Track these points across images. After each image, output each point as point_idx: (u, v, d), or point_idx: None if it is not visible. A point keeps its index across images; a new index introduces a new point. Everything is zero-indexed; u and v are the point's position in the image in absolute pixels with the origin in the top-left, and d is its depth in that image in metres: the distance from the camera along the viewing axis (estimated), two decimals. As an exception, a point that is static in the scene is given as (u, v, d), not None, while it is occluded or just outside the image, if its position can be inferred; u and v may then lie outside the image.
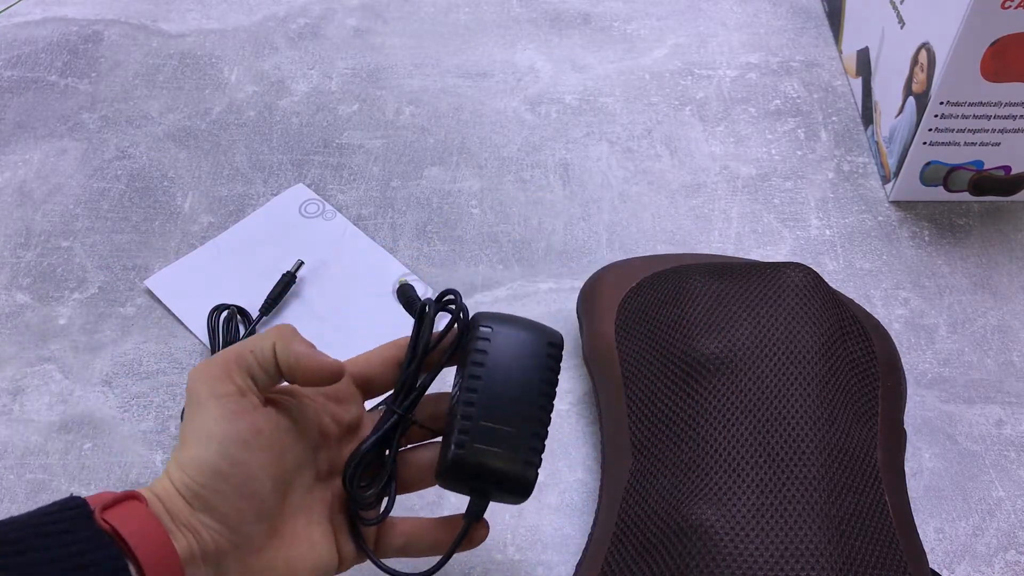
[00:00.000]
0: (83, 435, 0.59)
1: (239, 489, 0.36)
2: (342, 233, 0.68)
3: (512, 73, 0.81)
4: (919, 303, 0.64)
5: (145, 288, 0.66)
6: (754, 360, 0.48)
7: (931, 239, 0.68)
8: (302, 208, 0.70)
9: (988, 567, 0.52)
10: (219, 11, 0.88)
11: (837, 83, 0.79)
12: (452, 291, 0.43)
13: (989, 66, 0.61)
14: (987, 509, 0.54)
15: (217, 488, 0.35)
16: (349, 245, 0.67)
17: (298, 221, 0.69)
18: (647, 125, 0.77)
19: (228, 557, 0.36)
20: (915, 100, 0.66)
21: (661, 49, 0.83)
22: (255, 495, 0.36)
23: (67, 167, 0.75)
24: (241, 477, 0.36)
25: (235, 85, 0.81)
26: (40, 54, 0.84)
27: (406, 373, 0.42)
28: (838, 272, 0.66)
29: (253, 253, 0.67)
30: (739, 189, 0.72)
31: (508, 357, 0.42)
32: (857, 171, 0.73)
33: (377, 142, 0.76)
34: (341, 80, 0.81)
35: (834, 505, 0.43)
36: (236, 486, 0.36)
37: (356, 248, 0.67)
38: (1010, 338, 0.62)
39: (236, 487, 0.36)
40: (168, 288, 0.65)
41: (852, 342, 0.50)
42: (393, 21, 0.86)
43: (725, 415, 0.46)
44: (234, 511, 0.36)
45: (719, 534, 0.42)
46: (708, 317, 0.50)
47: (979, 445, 0.57)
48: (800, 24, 0.85)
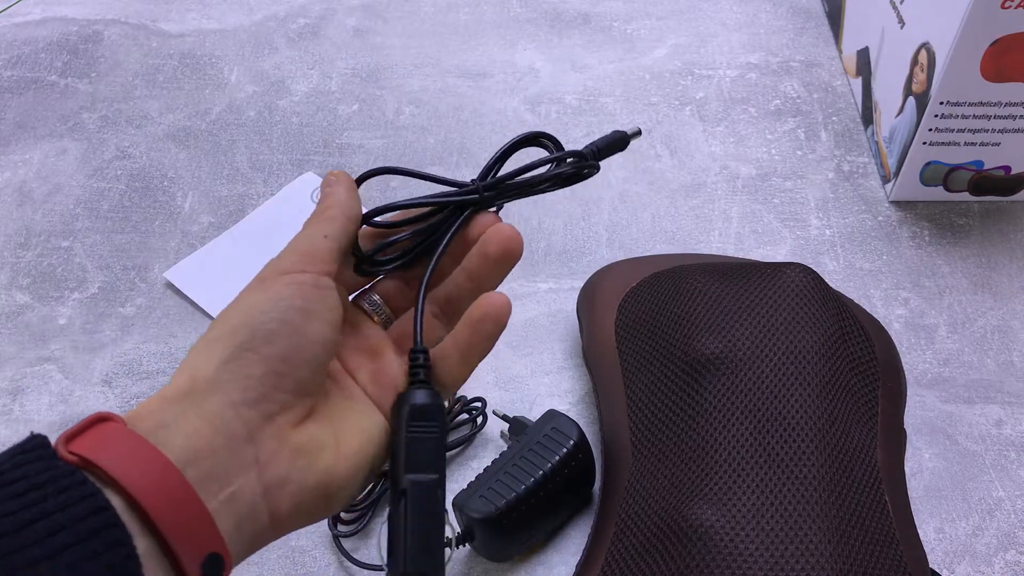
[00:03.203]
0: (83, 435, 0.59)
1: (288, 355, 0.32)
2: None
3: (512, 73, 0.81)
4: (919, 303, 0.64)
5: (165, 280, 0.66)
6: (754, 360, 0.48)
7: (931, 239, 0.68)
8: (313, 195, 0.71)
9: (988, 567, 0.52)
10: (219, 11, 0.88)
11: (837, 83, 0.79)
12: None
13: (989, 66, 0.61)
14: (987, 509, 0.54)
15: (261, 350, 0.32)
16: None
17: (310, 208, 0.70)
18: (647, 125, 0.77)
19: (261, 433, 0.32)
20: (915, 100, 0.66)
21: (661, 49, 0.83)
22: (303, 364, 0.33)
23: (67, 167, 0.75)
24: (285, 341, 0.32)
25: (235, 85, 0.81)
26: (40, 54, 0.84)
27: None
28: (838, 272, 0.66)
29: (269, 240, 0.68)
30: (739, 189, 0.72)
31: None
32: (857, 171, 0.73)
33: (377, 142, 0.76)
34: (341, 80, 0.81)
35: (834, 505, 0.43)
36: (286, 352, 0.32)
37: None
38: (1010, 338, 0.62)
39: (286, 353, 0.32)
40: (188, 279, 0.66)
41: (852, 342, 0.50)
42: (393, 21, 0.86)
43: (725, 415, 0.46)
44: (272, 376, 0.32)
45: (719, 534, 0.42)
46: (708, 317, 0.50)
47: (979, 445, 0.57)
48: (800, 24, 0.85)
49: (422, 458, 0.35)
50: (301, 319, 0.33)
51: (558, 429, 0.51)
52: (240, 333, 0.32)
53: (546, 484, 0.49)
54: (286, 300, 0.33)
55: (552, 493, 0.50)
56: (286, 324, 0.33)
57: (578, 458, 0.51)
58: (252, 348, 0.32)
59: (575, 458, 0.50)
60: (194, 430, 0.30)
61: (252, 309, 0.33)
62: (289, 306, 0.33)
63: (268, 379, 0.32)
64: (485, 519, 0.48)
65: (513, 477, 0.49)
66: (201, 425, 0.30)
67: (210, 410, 0.31)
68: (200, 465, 0.29)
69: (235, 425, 0.31)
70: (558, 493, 0.50)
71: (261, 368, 0.32)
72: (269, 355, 0.32)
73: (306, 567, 0.53)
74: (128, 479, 0.27)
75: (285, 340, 0.32)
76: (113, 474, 0.27)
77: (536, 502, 0.49)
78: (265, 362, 0.32)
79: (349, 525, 0.54)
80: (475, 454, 0.57)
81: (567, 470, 0.50)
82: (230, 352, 0.32)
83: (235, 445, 0.31)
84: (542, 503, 0.50)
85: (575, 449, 0.50)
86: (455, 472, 0.56)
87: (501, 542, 0.50)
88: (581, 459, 0.51)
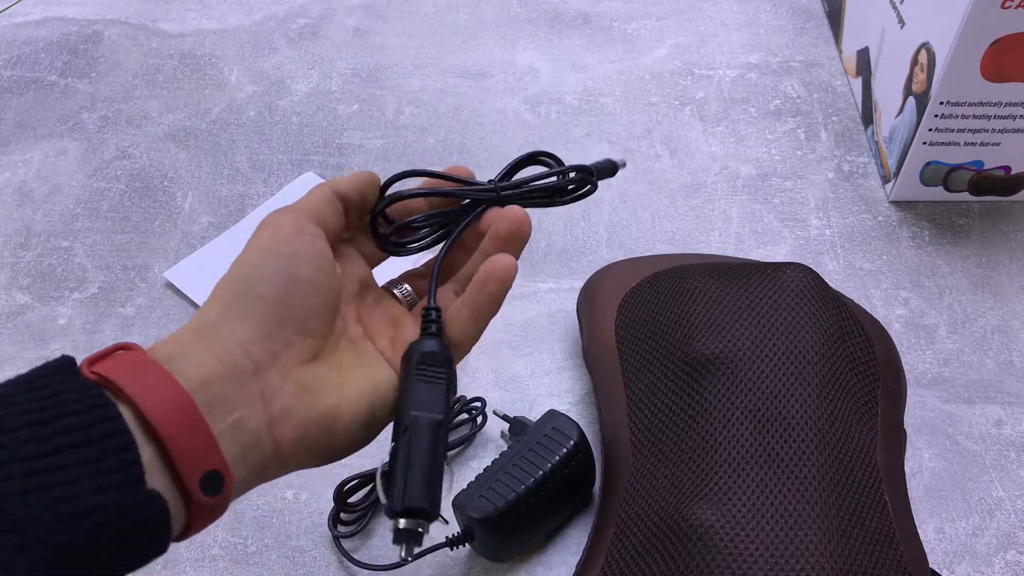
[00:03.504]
0: (83, 435, 0.59)
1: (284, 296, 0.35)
2: None
3: (512, 73, 0.81)
4: (919, 303, 0.64)
5: (165, 280, 0.66)
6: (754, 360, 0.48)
7: (931, 239, 0.68)
8: None
9: (988, 567, 0.52)
10: (219, 11, 0.88)
11: (837, 83, 0.79)
12: None
13: (989, 66, 0.61)
14: (987, 509, 0.54)
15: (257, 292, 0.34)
16: None
17: None
18: (647, 125, 0.77)
19: (267, 368, 0.34)
20: (915, 100, 0.66)
21: (661, 49, 0.83)
22: (300, 306, 0.35)
23: (67, 167, 0.75)
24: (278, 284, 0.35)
25: (235, 85, 0.81)
26: (40, 54, 0.84)
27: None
28: (838, 272, 0.66)
29: None
30: (739, 189, 0.72)
31: None
32: (857, 171, 0.73)
33: (377, 142, 0.76)
34: (341, 80, 0.81)
35: (834, 505, 0.43)
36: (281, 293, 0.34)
37: None
38: (1010, 338, 0.62)
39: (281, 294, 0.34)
40: (188, 279, 0.66)
41: (852, 342, 0.50)
42: (393, 21, 0.86)
43: (725, 415, 0.46)
44: (273, 316, 0.34)
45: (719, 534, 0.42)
46: (708, 317, 0.50)
47: (979, 445, 0.57)
48: (800, 24, 0.85)
49: (426, 399, 0.36)
50: (288, 264, 0.35)
51: (558, 429, 0.51)
52: (235, 282, 0.35)
53: (546, 484, 0.49)
54: (269, 246, 0.35)
55: (552, 493, 0.50)
56: (275, 270, 0.35)
57: (578, 458, 0.51)
58: (249, 293, 0.34)
59: (575, 458, 0.50)
60: (203, 362, 0.32)
61: (242, 262, 0.35)
62: (271, 251, 0.35)
63: (269, 319, 0.34)
64: (485, 519, 0.48)
65: (513, 477, 0.49)
66: (209, 359, 0.32)
67: (218, 346, 0.33)
68: (208, 391, 0.32)
69: (241, 360, 0.33)
70: (558, 493, 0.50)
71: (261, 308, 0.34)
72: (266, 296, 0.34)
73: (306, 567, 0.53)
74: (139, 395, 0.30)
75: (278, 283, 0.35)
76: (126, 390, 0.29)
77: (536, 502, 0.49)
78: (263, 303, 0.34)
79: (349, 525, 0.54)
80: (475, 454, 0.57)
81: (567, 470, 0.50)
82: (231, 298, 0.34)
83: (241, 378, 0.33)
84: (542, 503, 0.50)
85: (575, 449, 0.50)
86: (455, 472, 0.56)
87: (501, 542, 0.50)
88: (581, 459, 0.51)
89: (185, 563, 0.54)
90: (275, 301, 0.34)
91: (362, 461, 0.58)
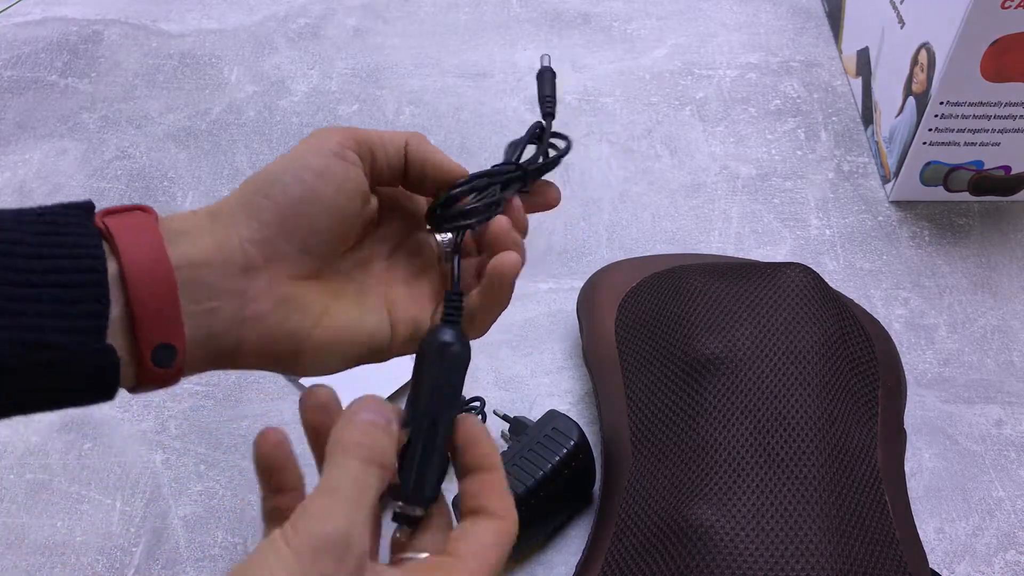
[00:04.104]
0: (83, 435, 0.59)
1: (296, 208, 0.35)
2: None
3: (512, 73, 0.81)
4: (919, 303, 0.64)
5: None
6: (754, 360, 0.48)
7: (931, 239, 0.68)
8: None
9: (988, 567, 0.52)
10: (219, 11, 0.88)
11: (837, 83, 0.79)
12: None
13: (989, 66, 0.61)
14: (987, 509, 0.54)
15: (273, 195, 0.34)
16: None
17: None
18: (647, 125, 0.77)
19: (257, 271, 0.34)
20: (915, 100, 0.66)
21: (661, 49, 0.83)
22: (308, 223, 0.35)
23: (67, 167, 0.75)
24: (297, 196, 0.35)
25: (235, 85, 0.81)
26: (40, 54, 0.84)
27: None
28: (838, 272, 0.66)
29: None
30: (739, 189, 0.72)
31: None
32: (857, 171, 0.73)
33: (377, 142, 0.76)
34: (341, 80, 0.81)
35: (834, 505, 0.43)
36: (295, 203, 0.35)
37: None
38: (1010, 338, 0.62)
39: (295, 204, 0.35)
40: None
41: (852, 342, 0.50)
42: (393, 21, 0.86)
43: (725, 415, 0.46)
44: (277, 223, 0.34)
45: (719, 534, 0.42)
46: (708, 317, 0.50)
47: (979, 445, 0.57)
48: (800, 24, 0.85)
49: (451, 396, 0.36)
50: (315, 180, 0.35)
51: (558, 429, 0.51)
52: (259, 181, 0.35)
53: (546, 484, 0.49)
54: (303, 160, 0.35)
55: (552, 493, 0.50)
56: (301, 182, 0.35)
57: (578, 458, 0.51)
58: (266, 195, 0.35)
59: (575, 458, 0.50)
60: (203, 245, 0.33)
61: (275, 165, 0.36)
62: (305, 165, 0.35)
63: (274, 225, 0.35)
64: None
65: (513, 477, 0.49)
66: (210, 243, 0.34)
67: (220, 234, 0.34)
68: (194, 271, 0.33)
69: (236, 254, 0.34)
70: (558, 493, 0.50)
71: (270, 214, 0.35)
72: (280, 203, 0.35)
73: (306, 567, 0.53)
74: (126, 256, 0.31)
75: (297, 195, 0.35)
76: (119, 247, 0.31)
77: (536, 502, 0.49)
78: (275, 209, 0.35)
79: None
80: (475, 454, 0.57)
81: (567, 470, 0.50)
82: (248, 195, 0.35)
83: (231, 270, 0.34)
84: (542, 503, 0.50)
85: (575, 449, 0.50)
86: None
87: None
88: (581, 459, 0.51)
89: (185, 563, 0.54)
90: (285, 209, 0.35)
91: (362, 461, 0.58)
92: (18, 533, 0.55)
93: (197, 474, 0.57)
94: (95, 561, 0.54)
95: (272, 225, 0.34)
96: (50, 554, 0.54)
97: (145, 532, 0.55)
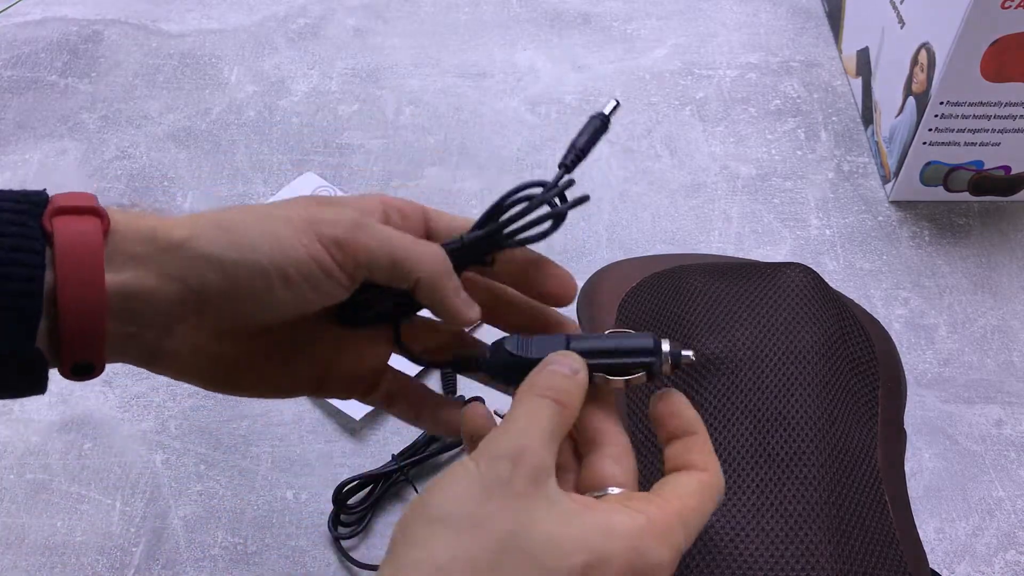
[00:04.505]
0: (83, 435, 0.59)
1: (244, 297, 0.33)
2: None
3: (512, 73, 0.81)
4: (919, 303, 0.64)
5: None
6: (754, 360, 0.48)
7: (931, 239, 0.68)
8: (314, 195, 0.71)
9: (988, 567, 0.52)
10: (219, 11, 0.88)
11: (837, 83, 0.79)
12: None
13: (989, 66, 0.61)
14: (987, 509, 0.54)
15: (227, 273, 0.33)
16: None
17: None
18: (647, 125, 0.77)
19: (186, 319, 0.33)
20: (915, 100, 0.66)
21: (661, 49, 0.83)
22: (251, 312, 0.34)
23: (67, 167, 0.75)
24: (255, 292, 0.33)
25: (235, 85, 0.81)
26: (40, 54, 0.84)
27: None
28: (838, 272, 0.66)
29: None
30: (739, 189, 0.72)
31: None
32: (857, 171, 0.73)
33: (377, 142, 0.76)
34: (341, 80, 0.81)
35: (834, 505, 0.43)
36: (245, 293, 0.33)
37: None
38: (1010, 338, 0.62)
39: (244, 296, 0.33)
40: None
41: (852, 342, 0.50)
42: (393, 21, 0.86)
43: (725, 415, 0.46)
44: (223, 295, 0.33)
45: (719, 534, 0.42)
46: (708, 317, 0.50)
47: (979, 445, 0.57)
48: (800, 24, 0.85)
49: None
50: (280, 284, 0.33)
51: None
52: (235, 250, 0.33)
53: None
54: (283, 260, 0.33)
55: None
56: (265, 279, 0.33)
57: None
58: (223, 268, 0.33)
59: None
60: (145, 278, 0.32)
61: (259, 235, 0.33)
62: (279, 267, 0.33)
63: (219, 295, 0.33)
64: None
65: None
66: (152, 278, 0.32)
67: (168, 272, 0.32)
68: (126, 301, 0.32)
69: (173, 298, 0.33)
70: None
71: (222, 283, 0.33)
72: (234, 282, 0.33)
73: (306, 567, 0.53)
74: (63, 273, 0.30)
75: (255, 289, 0.33)
76: (58, 262, 0.30)
77: None
78: (226, 283, 0.33)
79: (349, 527, 0.54)
80: (475, 454, 0.57)
81: None
82: (216, 247, 0.33)
83: (161, 307, 0.33)
84: None
85: None
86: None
87: None
88: None
89: (185, 563, 0.54)
90: (236, 291, 0.33)
91: (361, 461, 0.58)
92: (18, 533, 0.55)
93: (197, 474, 0.57)
94: (95, 561, 0.54)
95: (218, 295, 0.33)
96: (50, 554, 0.54)
97: (145, 532, 0.55)
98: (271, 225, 0.33)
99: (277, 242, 0.33)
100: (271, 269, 0.33)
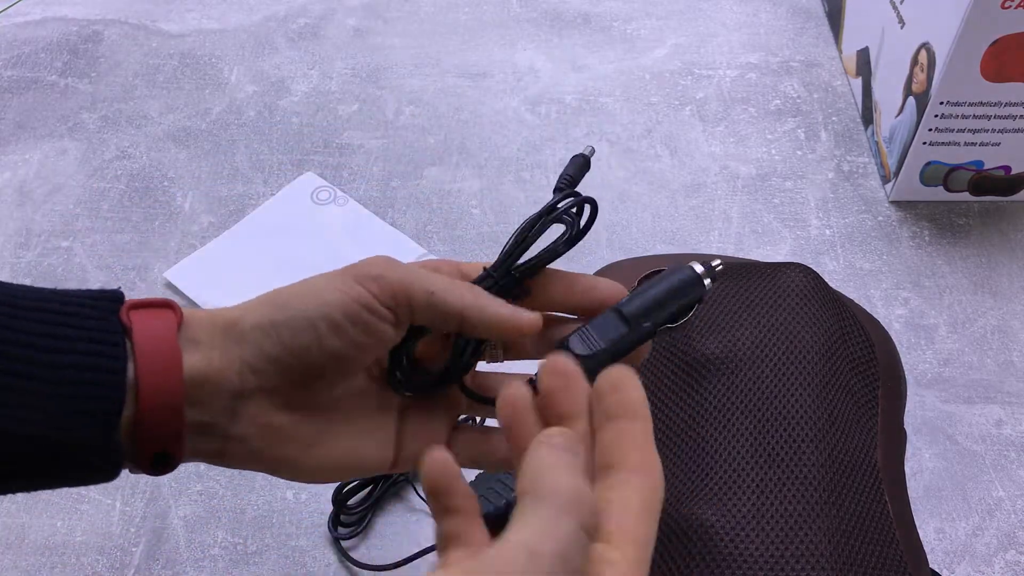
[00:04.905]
0: (83, 435, 0.59)
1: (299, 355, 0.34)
2: (356, 217, 0.69)
3: (512, 73, 0.81)
4: (919, 303, 0.64)
5: (165, 280, 0.66)
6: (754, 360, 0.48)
7: (931, 239, 0.68)
8: (314, 195, 0.71)
9: (988, 567, 0.52)
10: (219, 11, 0.88)
11: (837, 83, 0.79)
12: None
13: (989, 66, 0.61)
14: (987, 509, 0.54)
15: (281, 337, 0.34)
16: (365, 228, 0.69)
17: (311, 208, 0.70)
18: (647, 125, 0.77)
19: (250, 397, 0.34)
20: (915, 100, 0.66)
21: (661, 49, 0.83)
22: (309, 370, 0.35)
23: (67, 167, 0.75)
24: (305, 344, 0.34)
25: (235, 85, 0.81)
26: (40, 54, 0.84)
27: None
28: (838, 272, 0.66)
29: (269, 241, 0.68)
30: (739, 189, 0.72)
31: None
32: (857, 171, 0.73)
33: (377, 142, 0.76)
34: (341, 80, 0.81)
35: (834, 505, 0.43)
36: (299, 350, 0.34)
37: (372, 231, 0.69)
38: (1010, 338, 0.62)
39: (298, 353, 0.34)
40: (189, 279, 0.66)
41: (852, 342, 0.50)
42: (393, 21, 0.86)
43: (725, 415, 0.46)
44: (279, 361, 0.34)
45: (719, 534, 0.42)
46: (708, 317, 0.50)
47: (979, 445, 0.57)
48: (800, 24, 0.85)
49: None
50: (329, 332, 0.34)
51: None
52: (281, 312, 0.35)
53: None
54: (325, 305, 0.34)
55: None
56: (314, 331, 0.34)
57: None
58: (278, 332, 0.34)
59: None
60: (211, 359, 0.34)
61: (303, 296, 0.35)
62: (324, 315, 0.34)
63: (276, 362, 0.34)
64: (485, 518, 0.48)
65: (514, 477, 0.49)
66: (216, 359, 0.34)
67: (228, 352, 0.34)
68: (198, 387, 0.33)
69: (234, 376, 0.34)
70: None
71: (277, 350, 0.34)
72: (287, 345, 0.34)
73: (306, 567, 0.53)
74: (143, 364, 0.32)
75: (305, 343, 0.34)
76: (138, 352, 0.32)
77: None
78: (281, 347, 0.34)
79: (349, 527, 0.54)
80: (475, 454, 0.57)
81: None
82: (265, 321, 0.34)
83: (226, 387, 0.34)
84: None
85: None
86: (455, 472, 0.56)
87: None
88: None
89: (185, 563, 0.54)
90: (290, 351, 0.34)
91: (362, 461, 0.58)
92: (18, 533, 0.55)
93: (197, 474, 0.57)
94: (95, 561, 0.54)
95: (275, 361, 0.34)
96: (50, 554, 0.54)
97: (145, 532, 0.55)
98: (310, 284, 0.35)
99: (318, 294, 0.35)
100: (317, 318, 0.34)
